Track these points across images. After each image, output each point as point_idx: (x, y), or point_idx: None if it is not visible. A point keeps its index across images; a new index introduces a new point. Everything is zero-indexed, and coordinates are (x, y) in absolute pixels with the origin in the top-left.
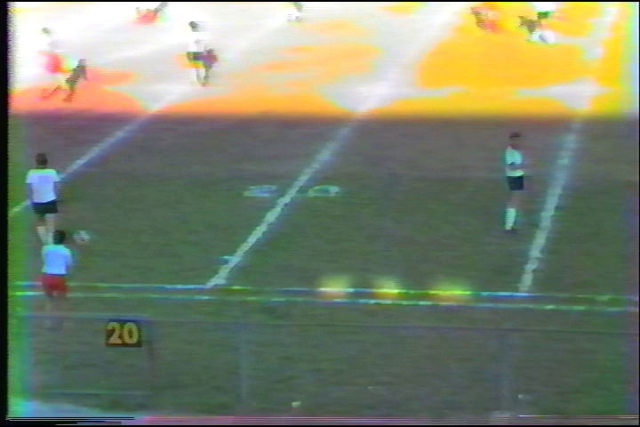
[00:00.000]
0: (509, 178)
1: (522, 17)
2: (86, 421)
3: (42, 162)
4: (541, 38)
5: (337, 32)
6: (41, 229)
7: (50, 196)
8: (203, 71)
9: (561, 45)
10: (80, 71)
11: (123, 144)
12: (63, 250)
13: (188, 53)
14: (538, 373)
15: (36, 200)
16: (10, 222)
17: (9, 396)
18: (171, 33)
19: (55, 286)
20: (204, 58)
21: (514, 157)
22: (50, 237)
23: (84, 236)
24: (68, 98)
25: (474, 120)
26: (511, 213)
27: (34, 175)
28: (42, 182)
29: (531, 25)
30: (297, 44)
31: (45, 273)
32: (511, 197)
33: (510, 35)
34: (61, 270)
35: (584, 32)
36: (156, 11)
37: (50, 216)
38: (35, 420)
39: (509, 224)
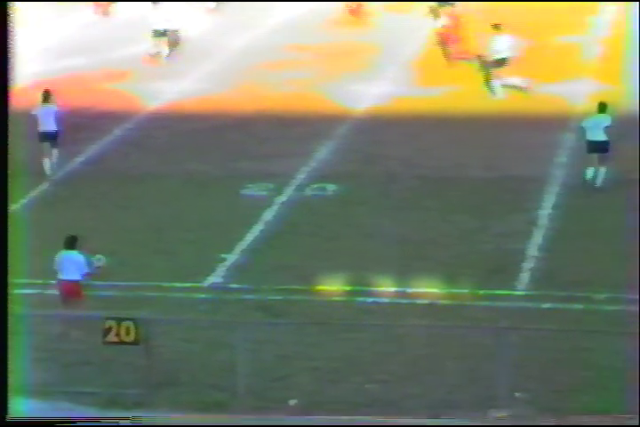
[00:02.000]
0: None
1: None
2: (85, 421)
3: (46, 98)
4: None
5: (335, 30)
6: (45, 161)
7: (52, 126)
8: (166, 50)
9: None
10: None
11: (119, 142)
12: (76, 256)
13: (155, 31)
14: (534, 371)
15: (41, 129)
16: (10, 220)
17: (9, 396)
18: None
19: (71, 292)
20: (169, 36)
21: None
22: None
23: (98, 261)
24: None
25: (471, 119)
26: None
27: (39, 109)
28: (45, 115)
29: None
30: (295, 43)
31: (61, 279)
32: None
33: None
34: (76, 276)
35: (582, 30)
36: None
37: (54, 151)
38: (34, 420)
39: (599, 181)
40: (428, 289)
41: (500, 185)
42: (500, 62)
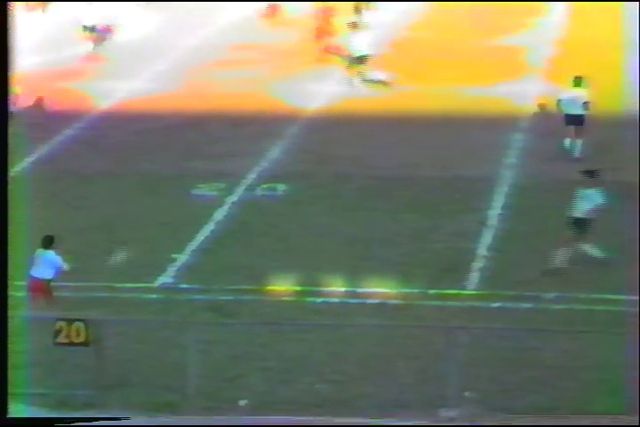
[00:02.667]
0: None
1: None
2: (84, 421)
3: None
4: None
5: (286, 29)
6: None
7: None
8: (91, 46)
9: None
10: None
11: (71, 141)
12: (50, 255)
13: (84, 27)
14: (484, 370)
15: None
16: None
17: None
18: (121, 32)
19: (39, 289)
20: (100, 31)
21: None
22: None
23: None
24: None
25: (422, 118)
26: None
27: None
28: None
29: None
30: (246, 42)
31: (32, 276)
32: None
33: (457, 35)
34: (46, 275)
35: (528, 31)
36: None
37: None
38: (32, 420)
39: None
40: (378, 289)
41: (451, 185)
42: (361, 59)
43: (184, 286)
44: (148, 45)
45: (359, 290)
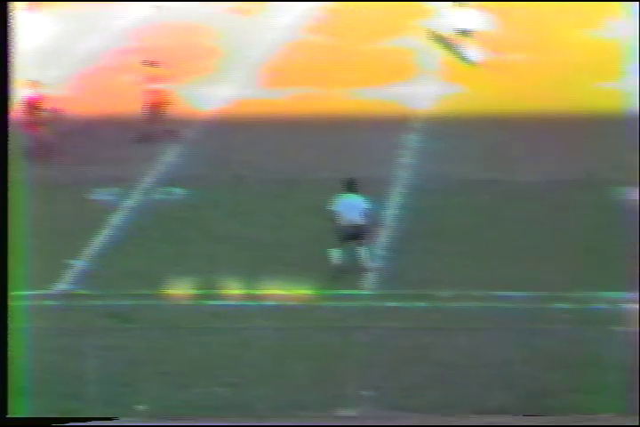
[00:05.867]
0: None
1: None
2: (83, 421)
3: None
4: None
5: (179, 34)
6: None
7: None
8: None
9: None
10: None
11: None
12: None
13: None
14: (381, 369)
15: None
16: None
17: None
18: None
19: None
20: None
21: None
22: None
23: None
24: None
25: (316, 121)
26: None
27: None
28: None
29: None
30: (139, 47)
31: None
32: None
33: (350, 37)
34: None
35: (419, 34)
36: None
37: None
38: (30, 419)
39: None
40: (276, 291)
41: None
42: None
43: (82, 292)
44: (42, 51)
45: (257, 293)
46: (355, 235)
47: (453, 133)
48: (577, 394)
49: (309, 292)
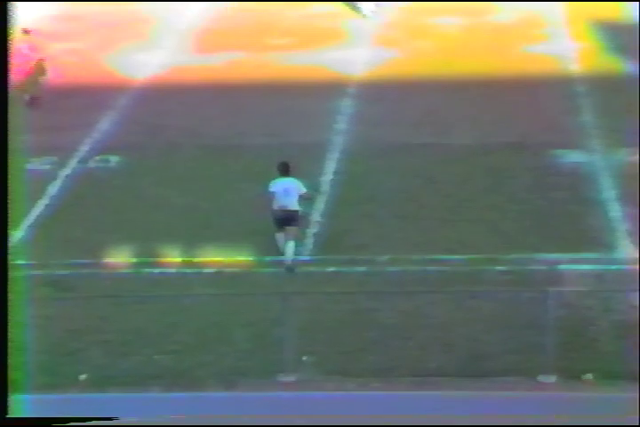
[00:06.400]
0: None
1: None
2: (82, 420)
3: None
4: None
5: (109, 1)
6: None
7: None
8: None
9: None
10: None
11: None
12: None
13: None
14: (321, 334)
15: None
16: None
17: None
18: None
19: None
20: None
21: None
22: None
23: None
24: None
25: (250, 87)
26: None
27: None
28: None
29: None
30: (67, 13)
31: None
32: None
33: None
34: None
35: None
36: None
37: None
38: (30, 419)
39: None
40: (214, 258)
41: (282, 152)
42: None
43: (20, 261)
44: None
45: (195, 260)
46: (286, 219)
47: (388, 98)
48: (516, 355)
49: (248, 258)
